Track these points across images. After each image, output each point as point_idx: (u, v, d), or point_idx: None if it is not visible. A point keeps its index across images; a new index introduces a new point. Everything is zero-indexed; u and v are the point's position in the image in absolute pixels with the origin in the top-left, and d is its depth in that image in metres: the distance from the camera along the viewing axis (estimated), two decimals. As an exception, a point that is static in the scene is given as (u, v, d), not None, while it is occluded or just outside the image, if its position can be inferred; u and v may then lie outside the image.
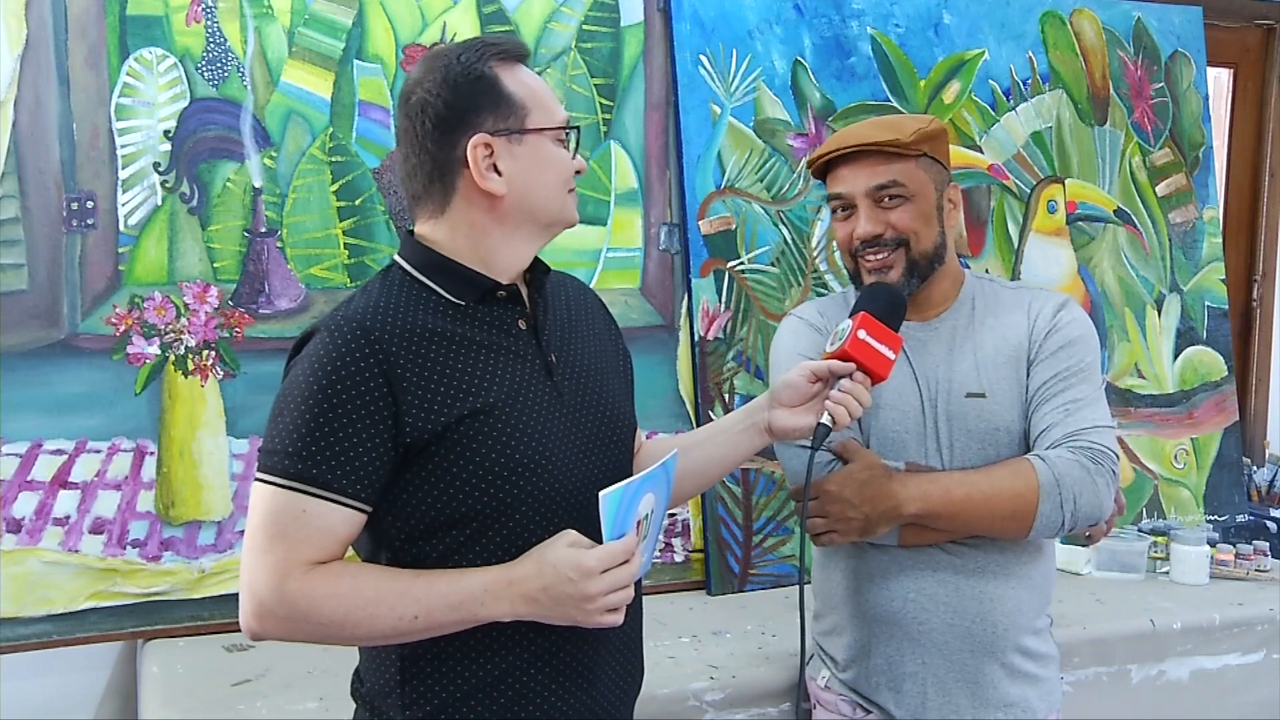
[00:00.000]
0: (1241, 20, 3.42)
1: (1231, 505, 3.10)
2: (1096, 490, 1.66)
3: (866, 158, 1.71)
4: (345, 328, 1.27)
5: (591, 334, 1.48)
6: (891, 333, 1.54)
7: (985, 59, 2.89)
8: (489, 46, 1.34)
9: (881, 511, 1.65)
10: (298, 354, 1.31)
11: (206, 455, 2.18)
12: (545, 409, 1.34)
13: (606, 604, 1.25)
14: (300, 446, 1.24)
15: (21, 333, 2.08)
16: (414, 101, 1.33)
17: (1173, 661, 2.36)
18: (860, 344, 1.50)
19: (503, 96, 1.32)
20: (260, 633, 1.27)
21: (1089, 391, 1.71)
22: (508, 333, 1.35)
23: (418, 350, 1.28)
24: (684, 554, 2.55)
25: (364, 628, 1.25)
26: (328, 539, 1.25)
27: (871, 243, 1.72)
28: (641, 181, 2.56)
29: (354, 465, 1.24)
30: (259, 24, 2.24)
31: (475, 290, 1.34)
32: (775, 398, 1.53)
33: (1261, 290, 3.51)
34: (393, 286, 1.34)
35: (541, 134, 1.34)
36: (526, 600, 1.25)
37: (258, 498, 1.26)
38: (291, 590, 1.23)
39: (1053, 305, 1.78)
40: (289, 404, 1.26)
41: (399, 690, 1.33)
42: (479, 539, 1.30)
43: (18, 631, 2.05)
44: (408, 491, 1.29)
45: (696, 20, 2.60)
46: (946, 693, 1.73)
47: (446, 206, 1.34)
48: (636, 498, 1.30)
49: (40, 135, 2.09)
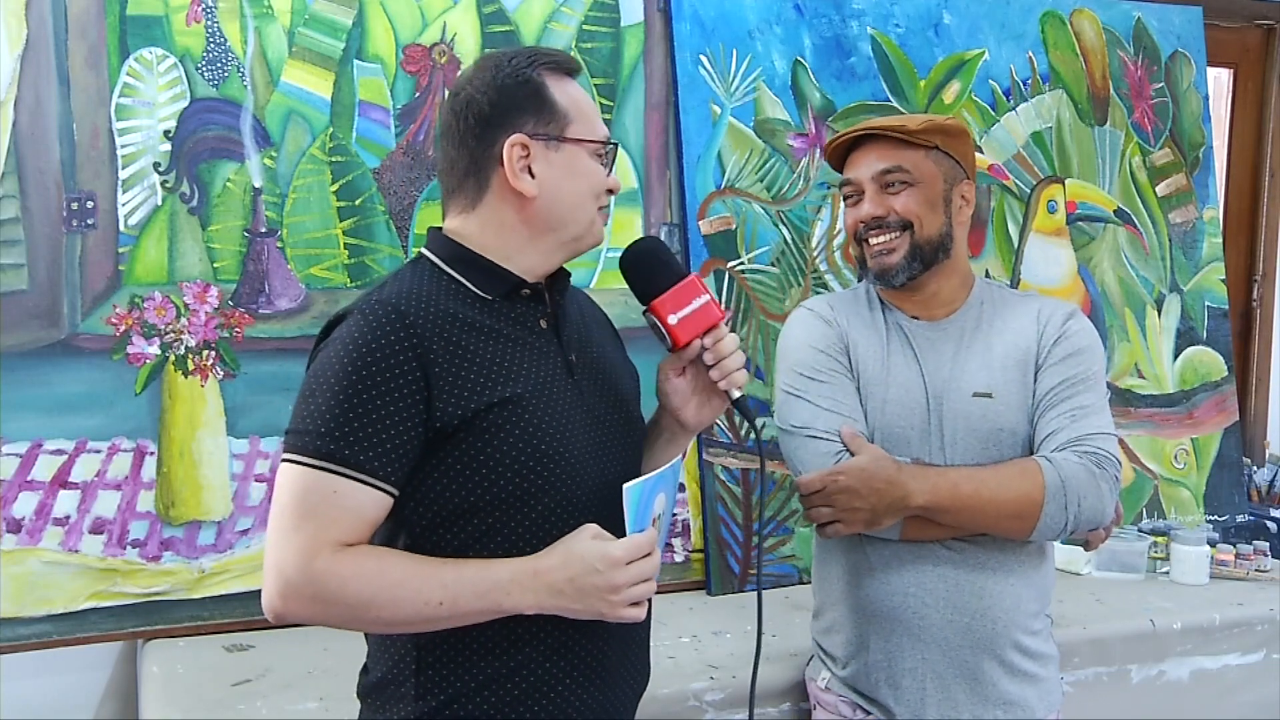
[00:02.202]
0: (1241, 20, 3.42)
1: (1231, 505, 3.10)
2: (1100, 495, 1.67)
3: (876, 144, 1.77)
4: (380, 310, 1.28)
5: (603, 343, 1.50)
6: (682, 289, 1.40)
7: (985, 59, 2.89)
8: (541, 55, 1.37)
9: (889, 503, 1.65)
10: (326, 337, 1.31)
11: (207, 455, 2.18)
12: (568, 404, 1.36)
13: (631, 595, 1.26)
14: (333, 427, 1.23)
15: (21, 333, 2.08)
16: (461, 98, 1.36)
17: (1173, 661, 2.36)
18: (682, 326, 1.40)
19: (546, 103, 1.34)
20: (284, 613, 1.26)
21: (1094, 399, 1.73)
22: (531, 329, 1.37)
23: (449, 336, 1.29)
24: (684, 554, 2.55)
25: (389, 611, 1.25)
26: (357, 521, 1.25)
27: (874, 225, 1.76)
28: (641, 181, 2.56)
29: (386, 447, 1.24)
30: (259, 24, 2.25)
31: (502, 285, 1.35)
32: (670, 410, 1.48)
33: (1261, 290, 3.51)
34: (422, 276, 1.35)
35: (580, 144, 1.36)
36: (552, 592, 1.25)
37: (286, 478, 1.25)
38: (320, 569, 1.23)
39: (1062, 313, 1.80)
40: (321, 384, 1.26)
41: (413, 680, 1.32)
42: (499, 529, 1.30)
43: (18, 631, 2.05)
44: (432, 478, 1.29)
45: (696, 20, 2.60)
46: (946, 689, 1.74)
47: (479, 202, 1.36)
48: (653, 493, 1.31)
49: (40, 135, 2.09)
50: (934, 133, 1.76)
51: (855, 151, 1.80)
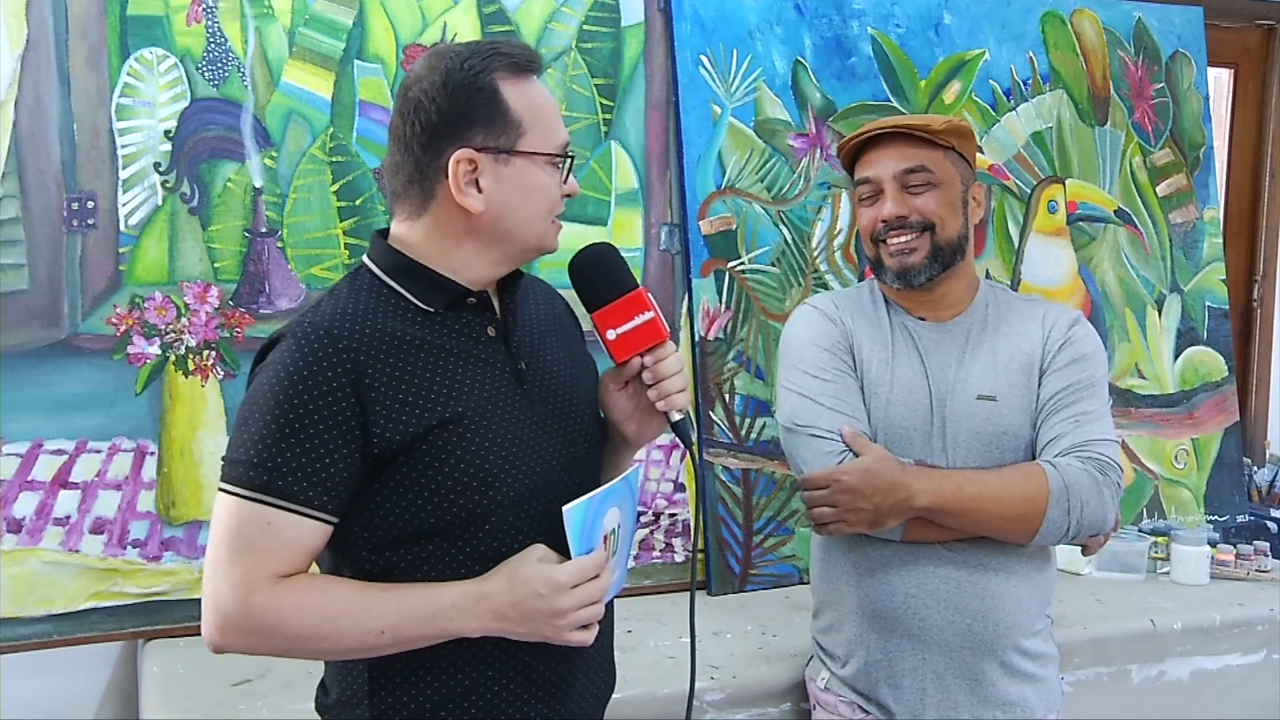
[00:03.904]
0: (1242, 20, 3.42)
1: (1232, 505, 3.10)
2: (1103, 500, 1.67)
3: (896, 142, 1.75)
4: (312, 335, 1.23)
5: (559, 340, 1.45)
6: (626, 302, 1.36)
7: (986, 59, 2.89)
8: (500, 55, 1.28)
9: (893, 503, 1.65)
10: (263, 360, 1.27)
11: (207, 455, 2.18)
12: (515, 418, 1.31)
13: (577, 619, 1.24)
14: (266, 457, 1.20)
15: (22, 333, 2.08)
16: (410, 98, 1.29)
17: (1173, 662, 2.36)
18: (620, 342, 1.35)
19: (500, 112, 1.27)
20: (223, 646, 1.24)
21: (1098, 406, 1.74)
22: (477, 340, 1.32)
23: (386, 359, 1.25)
24: (684, 554, 2.55)
25: (330, 642, 1.23)
26: (294, 551, 1.22)
27: (895, 225, 1.75)
28: (642, 182, 2.56)
29: (321, 476, 1.21)
30: (259, 24, 2.24)
31: (445, 296, 1.30)
32: (611, 423, 1.44)
33: (1262, 290, 3.50)
34: (361, 291, 1.30)
35: (532, 158, 1.29)
36: (496, 616, 1.23)
37: (221, 508, 1.23)
38: (257, 604, 1.20)
39: (1067, 319, 1.80)
40: (254, 413, 1.22)
41: (368, 701, 1.30)
42: (447, 551, 1.27)
43: (18, 631, 2.05)
44: (375, 502, 1.26)
45: (697, 20, 2.60)
46: (946, 690, 1.74)
47: (423, 211, 1.31)
48: (601, 511, 1.28)
49: (41, 135, 2.09)
50: (952, 134, 1.76)
51: (872, 150, 1.78)
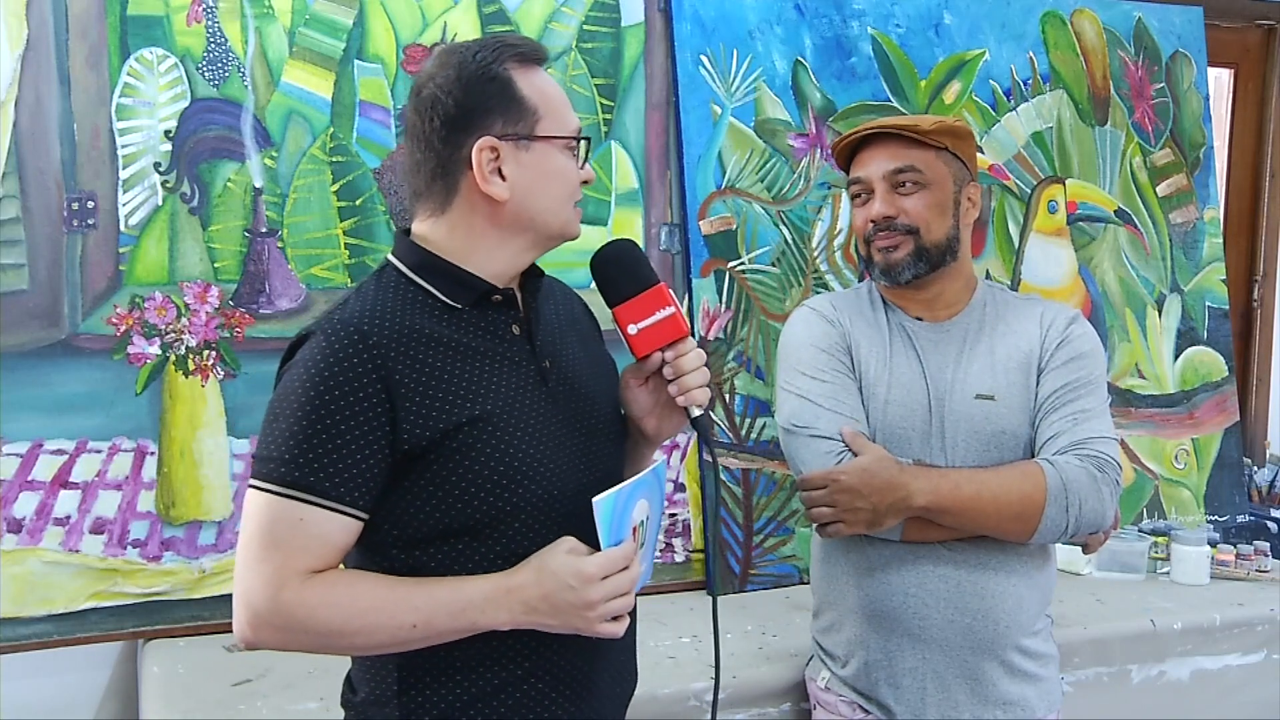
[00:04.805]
0: (1242, 20, 3.42)
1: (1232, 505, 3.10)
2: (1101, 498, 1.67)
3: (887, 142, 1.76)
4: (341, 331, 1.24)
5: (579, 339, 1.46)
6: (647, 297, 1.36)
7: (986, 59, 2.89)
8: (507, 47, 1.31)
9: (890, 503, 1.65)
10: (291, 358, 1.29)
11: (207, 455, 2.18)
12: (540, 416, 1.32)
13: (608, 611, 1.24)
14: (297, 454, 1.21)
15: (22, 333, 2.08)
16: (425, 96, 1.30)
17: (1173, 662, 2.36)
18: (642, 337, 1.36)
19: (515, 99, 1.29)
20: (255, 642, 1.25)
21: (1096, 404, 1.74)
22: (502, 338, 1.33)
23: (415, 355, 1.26)
24: (684, 554, 2.55)
25: (362, 637, 1.24)
26: (325, 547, 1.23)
27: (883, 225, 1.76)
28: (642, 181, 2.56)
29: (351, 473, 1.22)
30: (260, 24, 2.24)
31: (470, 293, 1.31)
32: (631, 419, 1.45)
33: (1262, 291, 3.50)
34: (388, 288, 1.31)
35: (551, 142, 1.31)
36: (526, 608, 1.23)
37: (253, 505, 1.24)
38: (288, 600, 1.21)
39: (1065, 318, 1.80)
40: (284, 410, 1.23)
41: (396, 700, 1.31)
42: (475, 549, 1.28)
43: (18, 631, 2.05)
44: (404, 500, 1.26)
45: (697, 20, 2.60)
46: (946, 689, 1.74)
47: (447, 207, 1.32)
48: (630, 503, 1.28)
49: (41, 135, 2.09)
50: (945, 134, 1.76)
51: (864, 150, 1.79)
